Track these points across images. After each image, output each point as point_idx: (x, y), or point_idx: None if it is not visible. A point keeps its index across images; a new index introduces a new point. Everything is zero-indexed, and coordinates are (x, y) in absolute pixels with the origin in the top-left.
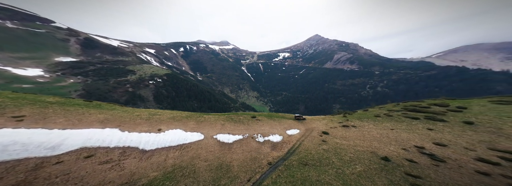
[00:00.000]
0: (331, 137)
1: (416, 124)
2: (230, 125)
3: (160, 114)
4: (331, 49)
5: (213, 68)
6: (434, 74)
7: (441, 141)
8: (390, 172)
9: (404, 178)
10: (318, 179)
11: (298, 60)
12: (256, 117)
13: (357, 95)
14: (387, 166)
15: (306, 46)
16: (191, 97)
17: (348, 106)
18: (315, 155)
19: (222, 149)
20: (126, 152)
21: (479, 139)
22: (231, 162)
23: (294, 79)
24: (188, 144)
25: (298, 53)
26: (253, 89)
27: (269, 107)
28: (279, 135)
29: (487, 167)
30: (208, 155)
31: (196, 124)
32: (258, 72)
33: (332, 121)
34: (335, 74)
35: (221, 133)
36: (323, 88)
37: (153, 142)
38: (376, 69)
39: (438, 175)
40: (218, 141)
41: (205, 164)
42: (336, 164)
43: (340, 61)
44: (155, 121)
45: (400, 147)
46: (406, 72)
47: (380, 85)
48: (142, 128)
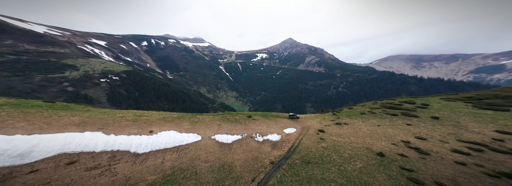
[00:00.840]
0: (327, 134)
1: (396, 120)
2: (227, 125)
3: (148, 115)
4: (303, 52)
5: (187, 67)
6: (376, 78)
7: (420, 135)
8: (387, 167)
9: (400, 172)
10: (323, 177)
11: (275, 62)
12: (252, 116)
13: (324, 94)
14: (383, 162)
15: (281, 48)
16: (160, 97)
17: (318, 105)
18: (316, 153)
19: (222, 150)
20: (116, 156)
21: (448, 132)
22: (233, 162)
23: (272, 79)
24: (185, 146)
25: (274, 54)
26: (232, 89)
27: (249, 107)
28: (278, 134)
29: (462, 157)
30: (209, 156)
31: (190, 125)
32: (237, 72)
33: (325, 119)
34: (307, 76)
35: (219, 133)
36: (297, 88)
37: (146, 144)
38: (338, 72)
39: (428, 168)
40: (216, 141)
41: (207, 165)
42: (337, 161)
43: (311, 64)
44: (144, 123)
45: (390, 142)
46: (358, 75)
47: (341, 86)
48: (131, 130)
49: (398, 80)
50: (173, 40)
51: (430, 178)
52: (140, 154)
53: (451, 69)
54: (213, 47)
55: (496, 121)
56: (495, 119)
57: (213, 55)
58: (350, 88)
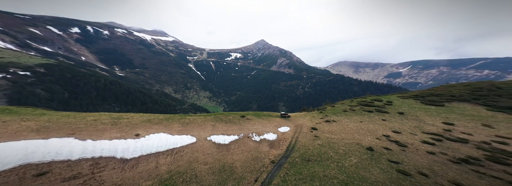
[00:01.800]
0: (320, 132)
1: (373, 116)
2: (221, 126)
3: (128, 117)
4: (275, 54)
5: (145, 63)
6: (331, 79)
7: (395, 129)
8: (378, 161)
9: (389, 165)
10: (325, 174)
11: (249, 62)
12: (245, 116)
13: (294, 94)
14: (373, 156)
15: (255, 49)
16: (107, 98)
17: (289, 104)
18: (314, 150)
19: (220, 151)
20: (100, 163)
21: (414, 125)
22: (233, 163)
23: (247, 79)
24: (180, 148)
25: (249, 55)
26: (205, 89)
27: (223, 107)
28: (273, 133)
29: (430, 148)
30: (207, 158)
31: (181, 126)
32: (210, 71)
33: (314, 117)
34: (279, 77)
35: (214, 134)
36: (271, 88)
37: (134, 149)
38: (304, 74)
39: (409, 159)
40: (213, 142)
41: (206, 167)
42: (334, 158)
43: (282, 65)
44: (126, 126)
45: (375, 137)
46: (319, 77)
47: (307, 87)
48: (112, 134)
49: (346, 82)
50: (122, 30)
51: (414, 168)
52: (129, 159)
53: (375, 74)
54: (179, 42)
55: (440, 114)
56: (439, 112)
57: (180, 52)
58: (314, 89)
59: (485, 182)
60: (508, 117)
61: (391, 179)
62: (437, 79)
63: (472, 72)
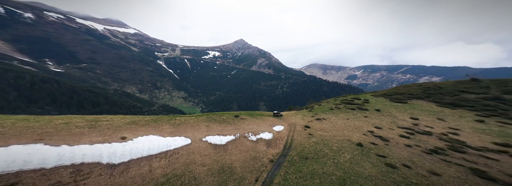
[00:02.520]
0: (313, 130)
1: (356, 114)
2: (216, 126)
3: (107, 119)
4: (254, 54)
5: (95, 57)
6: (306, 80)
7: (376, 125)
8: (368, 156)
9: (378, 159)
10: (323, 171)
11: (229, 61)
12: (239, 116)
13: (273, 94)
14: (363, 151)
15: (234, 48)
16: (36, 99)
17: (269, 103)
18: (310, 148)
19: (217, 152)
20: (83, 170)
21: (390, 121)
22: (231, 163)
23: (227, 79)
24: (174, 150)
25: (228, 54)
26: (179, 89)
27: (201, 108)
28: (269, 132)
29: (407, 141)
30: (205, 159)
31: (173, 128)
32: (185, 69)
33: (305, 116)
34: (259, 77)
35: (210, 135)
36: (252, 88)
37: (121, 153)
38: (282, 74)
39: (393, 153)
40: (209, 143)
41: (205, 169)
42: (329, 154)
43: (262, 65)
44: (107, 128)
45: (361, 133)
46: (296, 78)
47: (285, 87)
48: (92, 138)
49: (318, 83)
50: (57, 14)
51: (398, 161)
52: (117, 164)
53: (338, 76)
54: (144, 36)
55: (406, 110)
56: (405, 109)
57: (146, 47)
58: (291, 89)
59: (453, 170)
60: (452, 111)
61: (382, 173)
62: (380, 81)
63: (400, 76)
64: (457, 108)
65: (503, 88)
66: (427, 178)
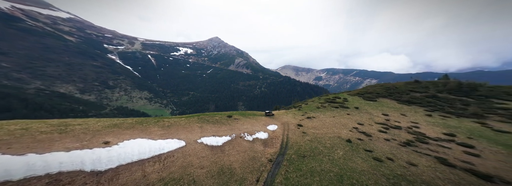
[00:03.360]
0: (306, 128)
1: (340, 111)
2: (210, 127)
3: (79, 123)
4: (232, 54)
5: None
6: (282, 80)
7: (358, 121)
8: (357, 151)
9: (366, 153)
10: (322, 169)
11: (204, 59)
12: (232, 116)
13: (252, 94)
14: (353, 147)
15: (209, 46)
16: None
17: (248, 103)
18: (305, 146)
19: (214, 153)
20: (62, 180)
21: (368, 117)
22: (231, 164)
23: (202, 78)
24: (168, 153)
25: (202, 51)
26: (141, 89)
27: (171, 110)
28: (264, 132)
29: (385, 135)
30: (202, 161)
31: (163, 130)
32: (149, 66)
33: (295, 114)
34: (238, 76)
35: (205, 136)
36: (230, 88)
37: (108, 158)
38: (260, 74)
39: (377, 147)
40: (205, 145)
41: (204, 171)
42: (324, 152)
43: (240, 65)
44: (83, 133)
45: (348, 130)
46: (273, 78)
47: (263, 87)
48: (67, 144)
49: (292, 83)
50: None
51: (383, 155)
52: (104, 171)
53: (308, 77)
54: (86, 23)
55: (377, 107)
56: (376, 106)
57: (90, 37)
58: (269, 89)
59: (424, 160)
60: (408, 107)
61: (372, 167)
62: (338, 82)
63: (352, 78)
64: (411, 104)
65: (436, 88)
66: (407, 169)
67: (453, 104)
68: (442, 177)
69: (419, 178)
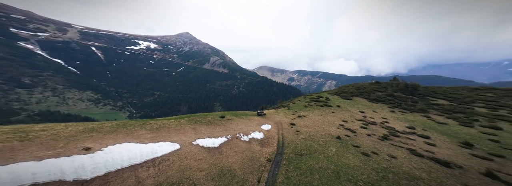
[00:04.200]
0: (299, 127)
1: (325, 110)
2: (204, 128)
3: (41, 129)
4: (206, 51)
5: None
6: (259, 81)
7: (343, 118)
8: (347, 147)
9: (355, 149)
10: (320, 166)
11: (173, 56)
12: (225, 116)
13: (230, 94)
14: (343, 143)
15: (179, 41)
16: None
17: (226, 103)
18: (301, 145)
19: (212, 155)
20: None
21: (349, 115)
22: (230, 166)
23: (171, 77)
24: (163, 157)
25: (170, 47)
26: (81, 88)
27: (129, 113)
28: (259, 132)
29: (366, 131)
30: (201, 164)
31: (152, 133)
32: (93, 61)
33: (286, 113)
34: (214, 76)
35: (200, 137)
36: (206, 88)
37: (93, 166)
38: (238, 74)
39: (363, 142)
40: (201, 147)
41: (203, 174)
42: (319, 149)
43: (216, 64)
44: (53, 140)
45: (336, 127)
46: (251, 78)
47: (241, 87)
48: (34, 153)
49: (269, 84)
50: None
51: (368, 150)
52: (90, 179)
53: (282, 78)
54: None
55: (354, 105)
56: (353, 104)
57: None
58: (247, 89)
59: (400, 152)
60: (377, 105)
61: (362, 162)
62: (308, 83)
63: (318, 79)
64: (378, 102)
65: (392, 88)
66: (390, 161)
67: (406, 101)
68: (416, 167)
69: (401, 170)
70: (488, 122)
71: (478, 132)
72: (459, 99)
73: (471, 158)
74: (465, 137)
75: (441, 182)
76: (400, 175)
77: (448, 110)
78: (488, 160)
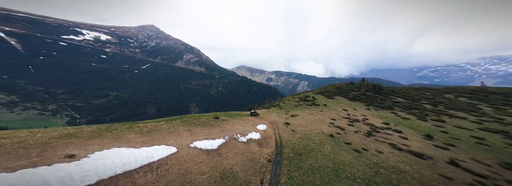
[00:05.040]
0: (293, 126)
1: (314, 109)
2: (199, 130)
3: (5, 136)
4: (178, 48)
5: None
6: (239, 80)
7: (331, 117)
8: (340, 145)
9: (347, 146)
10: (319, 165)
11: (134, 51)
12: (219, 117)
13: (208, 94)
14: (336, 141)
15: (142, 35)
16: None
17: (203, 104)
18: (298, 144)
19: (211, 157)
20: None
21: (336, 113)
22: (231, 168)
23: (132, 75)
24: (160, 161)
25: (130, 40)
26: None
27: (69, 118)
28: (255, 132)
29: (354, 128)
30: (201, 167)
31: (143, 136)
32: (4, 51)
33: (279, 113)
34: (189, 75)
35: (197, 140)
36: (179, 87)
37: (81, 174)
38: (216, 73)
39: (353, 139)
40: (200, 149)
41: (205, 177)
42: (316, 148)
43: (191, 62)
44: (22, 148)
45: (327, 125)
46: (230, 78)
47: (220, 86)
48: (3, 163)
49: (249, 83)
50: None
51: (358, 146)
52: None
53: (261, 78)
54: None
55: (338, 103)
56: (336, 103)
57: None
58: (227, 88)
59: (384, 146)
60: (355, 103)
61: (356, 158)
62: (284, 84)
63: (293, 80)
64: (356, 101)
65: (365, 88)
66: (378, 156)
67: (376, 100)
68: (400, 160)
69: (389, 164)
70: (436, 116)
71: (431, 125)
72: (410, 97)
73: (435, 149)
74: (425, 130)
75: (421, 173)
76: (390, 169)
77: (407, 107)
78: (446, 150)
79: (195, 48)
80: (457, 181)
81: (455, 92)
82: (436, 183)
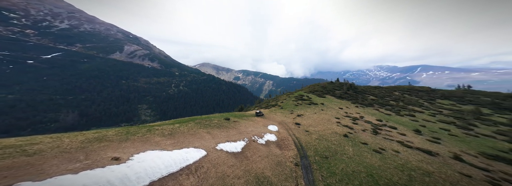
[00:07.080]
0: (305, 126)
1: (314, 108)
2: (218, 132)
3: (33, 143)
4: (114, 36)
5: None
6: (205, 79)
7: (335, 116)
8: (358, 145)
9: (366, 147)
10: (352, 170)
11: (25, 33)
12: (230, 118)
13: (165, 93)
14: (352, 141)
15: (37, 10)
16: None
17: (158, 105)
18: (319, 146)
19: (240, 160)
20: None
21: (336, 112)
22: (263, 172)
23: (25, 67)
24: (196, 164)
25: (13, 16)
26: None
27: None
28: (270, 133)
29: (359, 127)
30: (235, 171)
31: (168, 139)
32: None
33: (283, 113)
34: (136, 71)
35: (220, 142)
36: (120, 85)
37: (135, 175)
38: (175, 70)
39: (366, 139)
40: (226, 152)
41: (242, 182)
42: (338, 150)
43: (137, 55)
44: (66, 153)
45: (335, 125)
46: (194, 75)
47: (181, 85)
48: (62, 166)
49: (217, 82)
50: None
51: (375, 146)
52: None
53: (228, 76)
54: None
55: (331, 102)
56: (329, 101)
57: None
58: (190, 87)
59: (396, 145)
60: (345, 101)
61: (381, 160)
62: (251, 83)
63: (259, 79)
64: (343, 99)
65: (346, 87)
66: (398, 156)
67: (358, 98)
68: (418, 159)
69: (413, 165)
70: (408, 111)
71: (409, 120)
72: (377, 94)
73: (431, 144)
74: (410, 125)
75: (445, 173)
76: (417, 171)
77: (383, 104)
78: (438, 144)
79: (142, 38)
80: (476, 178)
81: (399, 90)
82: (464, 183)
